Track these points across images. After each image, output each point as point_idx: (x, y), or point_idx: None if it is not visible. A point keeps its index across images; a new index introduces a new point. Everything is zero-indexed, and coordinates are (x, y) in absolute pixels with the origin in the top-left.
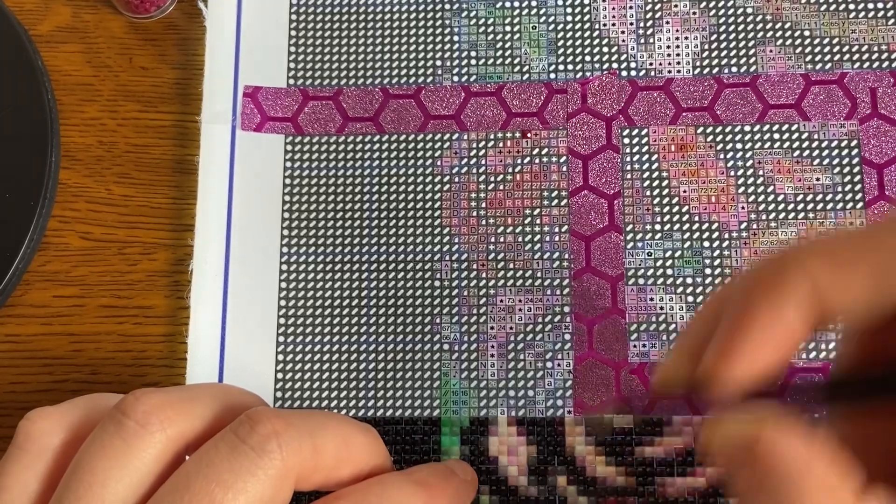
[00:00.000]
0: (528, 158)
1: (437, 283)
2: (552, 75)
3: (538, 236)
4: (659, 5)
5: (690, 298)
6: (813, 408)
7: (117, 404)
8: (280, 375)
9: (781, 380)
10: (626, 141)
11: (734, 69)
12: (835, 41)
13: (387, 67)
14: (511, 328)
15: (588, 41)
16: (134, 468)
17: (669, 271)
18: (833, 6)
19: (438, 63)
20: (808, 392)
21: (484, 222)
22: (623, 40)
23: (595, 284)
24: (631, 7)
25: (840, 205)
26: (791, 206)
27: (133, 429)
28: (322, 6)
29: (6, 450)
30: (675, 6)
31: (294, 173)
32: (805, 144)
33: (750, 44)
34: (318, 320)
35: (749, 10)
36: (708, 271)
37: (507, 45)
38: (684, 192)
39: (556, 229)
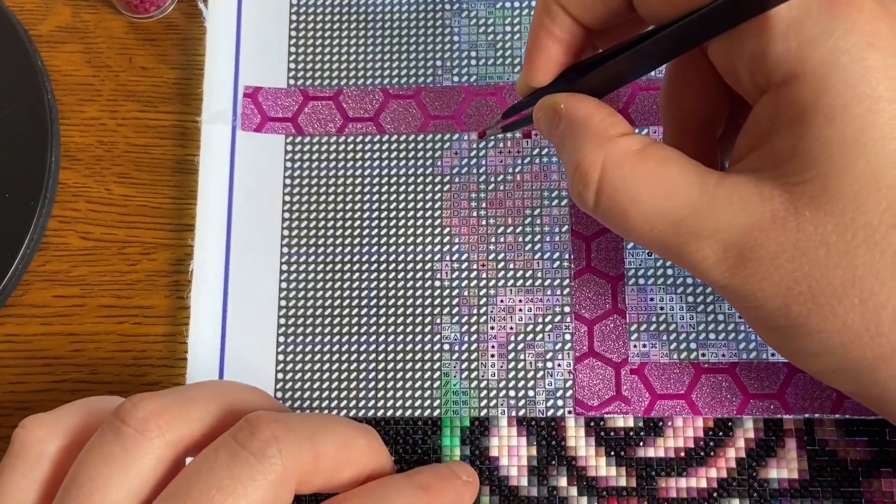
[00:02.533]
0: (528, 159)
1: (437, 283)
2: None
3: (538, 236)
4: None
5: (690, 298)
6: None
7: (115, 411)
8: (280, 375)
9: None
10: None
11: None
12: None
13: (387, 67)
14: (511, 328)
15: None
16: (134, 475)
17: (669, 271)
18: None
19: (438, 63)
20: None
21: (484, 222)
22: None
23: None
24: None
25: None
26: None
27: (132, 436)
28: (322, 6)
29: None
30: None
31: (294, 173)
32: None
33: None
34: (318, 320)
35: None
36: None
37: (507, 45)
38: None
39: (557, 229)
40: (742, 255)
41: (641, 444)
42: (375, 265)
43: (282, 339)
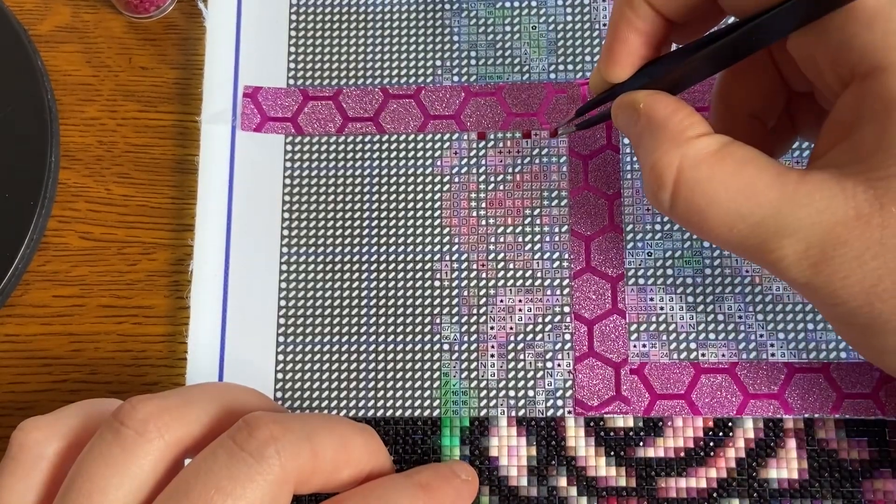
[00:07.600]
0: (528, 158)
1: (437, 283)
2: (552, 75)
3: (538, 236)
4: None
5: (690, 298)
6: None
7: (114, 412)
8: (280, 375)
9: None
10: (626, 141)
11: None
12: None
13: (387, 67)
14: (511, 328)
15: (588, 41)
16: (133, 475)
17: (669, 271)
18: None
19: (438, 63)
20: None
21: (484, 222)
22: None
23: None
24: None
25: None
26: None
27: (131, 437)
28: (322, 6)
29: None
30: None
31: (294, 173)
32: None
33: None
34: (318, 320)
35: None
36: (708, 271)
37: (507, 45)
38: None
39: (556, 229)
40: (825, 253)
41: (641, 444)
42: (375, 265)
43: (282, 339)
